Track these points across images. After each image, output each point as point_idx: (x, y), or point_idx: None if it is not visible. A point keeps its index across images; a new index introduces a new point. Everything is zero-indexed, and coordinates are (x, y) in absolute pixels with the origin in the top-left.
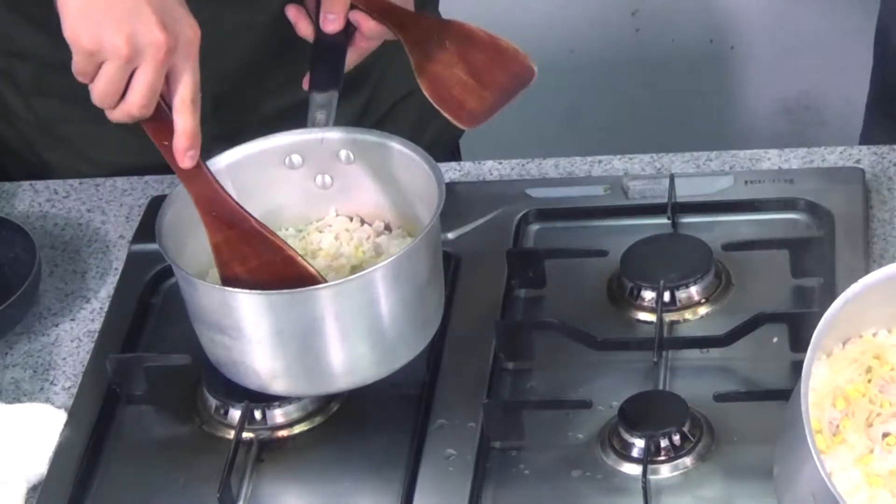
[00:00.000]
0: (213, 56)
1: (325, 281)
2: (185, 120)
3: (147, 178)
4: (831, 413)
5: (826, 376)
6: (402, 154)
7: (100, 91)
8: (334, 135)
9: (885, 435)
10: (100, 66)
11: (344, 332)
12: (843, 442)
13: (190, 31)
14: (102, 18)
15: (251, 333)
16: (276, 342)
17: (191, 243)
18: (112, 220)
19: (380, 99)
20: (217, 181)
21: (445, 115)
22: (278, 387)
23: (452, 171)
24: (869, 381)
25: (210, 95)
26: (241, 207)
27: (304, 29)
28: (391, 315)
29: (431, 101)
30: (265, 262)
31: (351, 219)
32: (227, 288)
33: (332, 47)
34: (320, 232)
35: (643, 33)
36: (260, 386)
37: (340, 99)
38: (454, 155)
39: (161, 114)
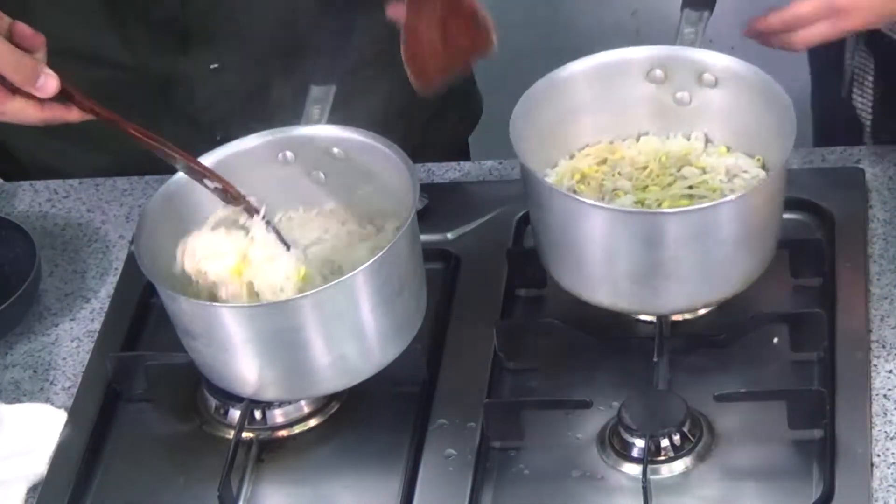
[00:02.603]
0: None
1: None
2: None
3: (147, 178)
4: (569, 183)
5: (566, 166)
6: (384, 154)
7: None
8: (325, 132)
9: (615, 190)
10: None
11: (326, 336)
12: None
13: None
14: None
15: (235, 344)
16: (259, 351)
17: (172, 259)
18: (112, 220)
19: (404, 86)
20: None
21: (407, 71)
22: (269, 393)
23: (453, 170)
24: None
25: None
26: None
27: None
28: (372, 317)
29: (403, 54)
30: None
31: (346, 215)
32: (208, 303)
33: (335, 41)
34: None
35: (643, 33)
36: (251, 393)
37: (365, 85)
38: (463, 152)
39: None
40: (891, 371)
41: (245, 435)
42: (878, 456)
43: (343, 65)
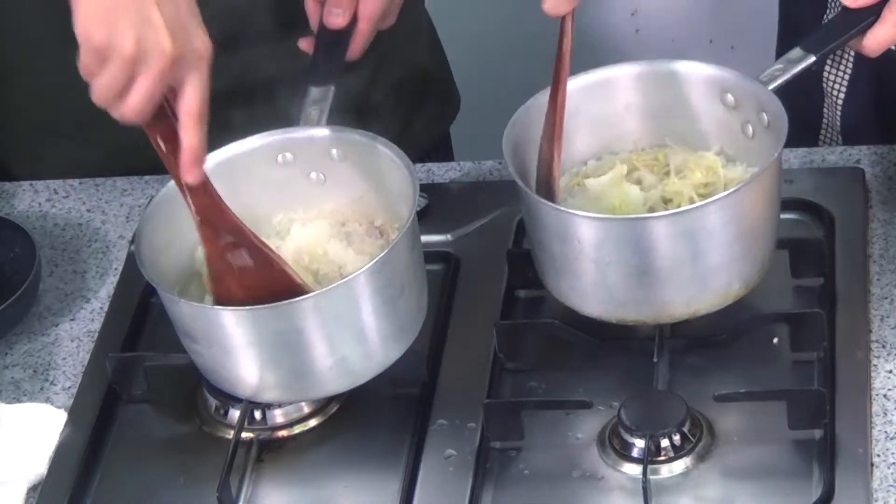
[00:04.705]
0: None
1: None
2: (188, 135)
3: (147, 178)
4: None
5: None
6: (385, 155)
7: (100, 88)
8: (324, 133)
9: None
10: (104, 64)
11: (329, 339)
12: None
13: (201, 45)
14: (115, 18)
15: (237, 347)
16: (261, 354)
17: (172, 261)
18: (112, 220)
19: (382, 80)
20: (217, 193)
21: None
22: (271, 395)
23: (452, 170)
24: None
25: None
26: (241, 222)
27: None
28: (374, 318)
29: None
30: (260, 277)
31: (346, 216)
32: (209, 306)
33: (333, 42)
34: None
35: (643, 33)
36: (252, 395)
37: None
38: (445, 145)
39: (165, 122)
40: (891, 371)
41: (245, 435)
42: (878, 456)
43: (342, 64)
